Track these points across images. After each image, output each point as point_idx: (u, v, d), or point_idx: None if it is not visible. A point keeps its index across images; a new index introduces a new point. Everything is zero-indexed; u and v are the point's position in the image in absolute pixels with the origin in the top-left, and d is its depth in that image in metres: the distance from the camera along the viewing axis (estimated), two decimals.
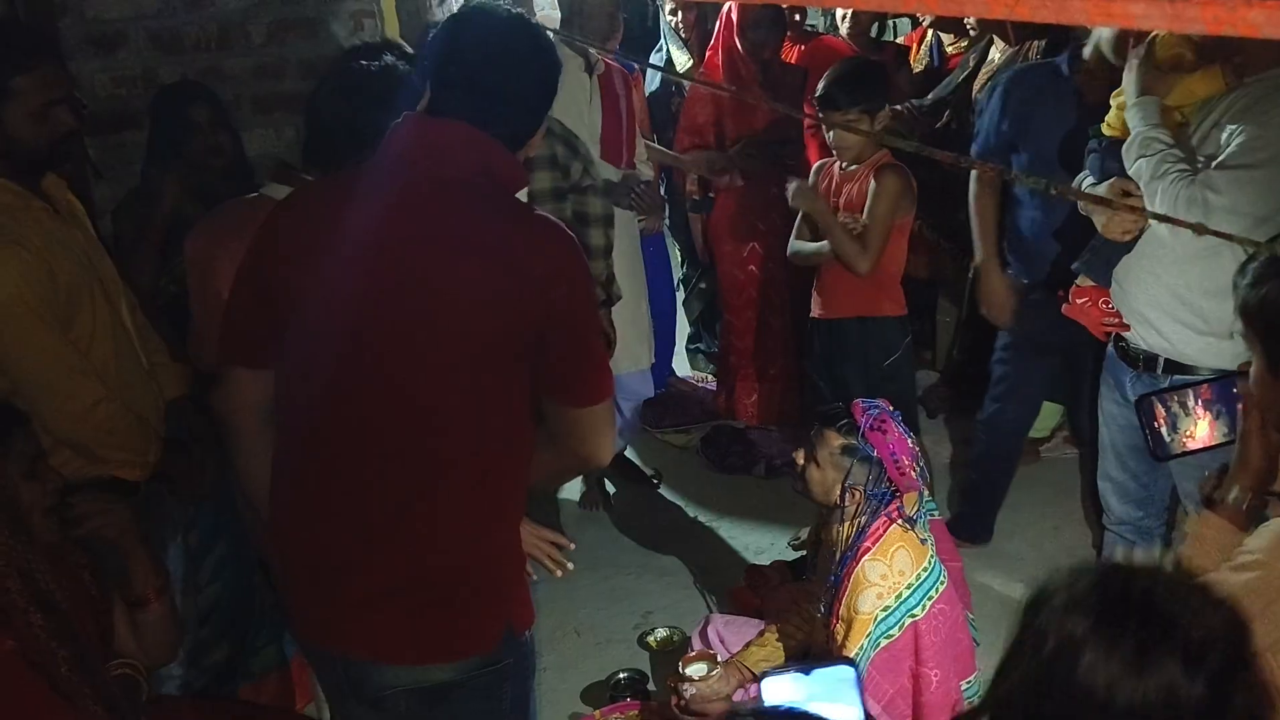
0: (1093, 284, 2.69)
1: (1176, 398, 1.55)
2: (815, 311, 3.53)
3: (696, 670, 2.47)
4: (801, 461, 2.45)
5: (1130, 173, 2.43)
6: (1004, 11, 0.69)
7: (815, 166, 3.53)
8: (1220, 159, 2.29)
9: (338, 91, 2.12)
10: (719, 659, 2.54)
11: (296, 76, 3.32)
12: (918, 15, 4.66)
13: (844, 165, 3.35)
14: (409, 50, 2.23)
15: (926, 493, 2.56)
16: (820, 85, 3.27)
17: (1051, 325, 2.94)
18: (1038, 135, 3.03)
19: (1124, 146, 2.44)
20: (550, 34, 2.99)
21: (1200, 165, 2.34)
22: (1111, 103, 2.61)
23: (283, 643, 2.85)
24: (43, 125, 2.13)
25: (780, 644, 2.60)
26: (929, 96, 4.16)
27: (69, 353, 2.16)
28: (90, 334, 2.22)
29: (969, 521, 3.57)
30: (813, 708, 1.04)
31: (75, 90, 2.27)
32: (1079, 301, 2.75)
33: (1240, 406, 1.52)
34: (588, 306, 1.73)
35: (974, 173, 3.19)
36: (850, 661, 1.17)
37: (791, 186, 3.37)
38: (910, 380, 3.58)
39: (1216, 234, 1.17)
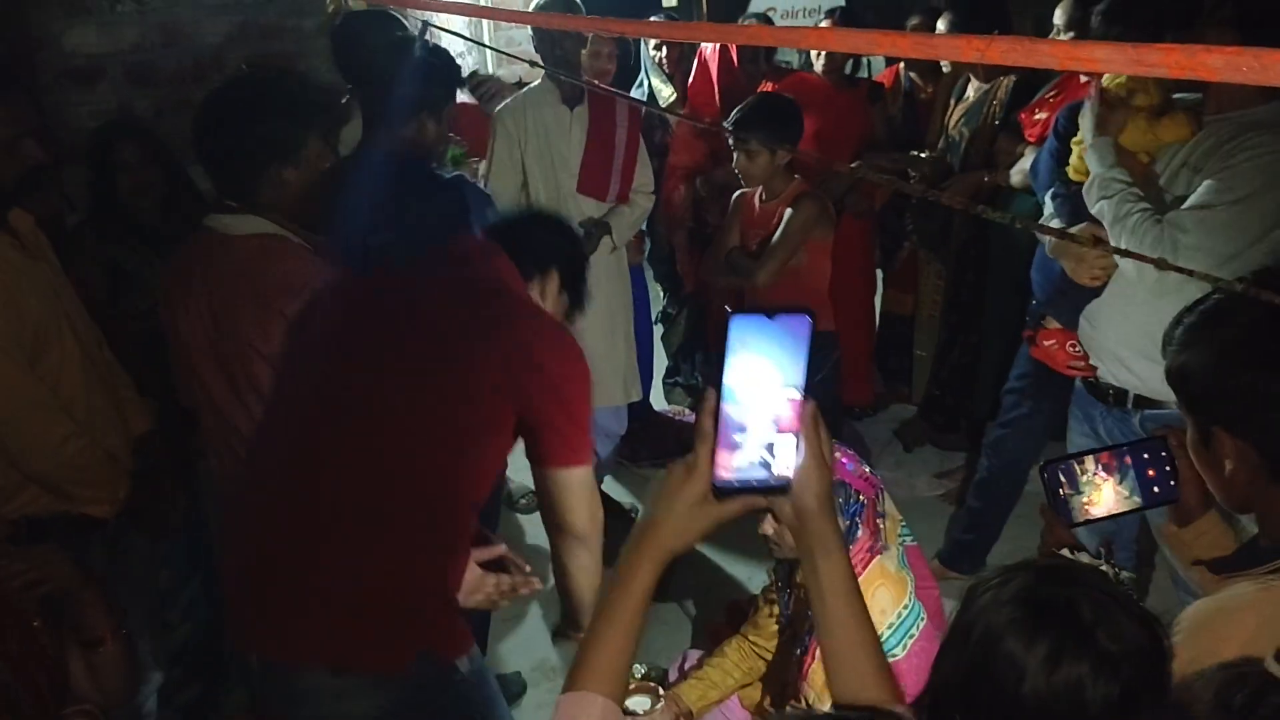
0: (1060, 326, 2.71)
1: (1077, 465, 1.54)
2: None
3: (639, 704, 2.44)
4: (772, 530, 2.41)
5: (1093, 213, 2.45)
6: (975, 56, 0.70)
7: (735, 195, 3.60)
8: (1189, 201, 2.31)
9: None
10: (661, 692, 2.52)
11: None
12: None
13: (763, 198, 3.44)
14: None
15: (901, 519, 2.56)
16: (734, 114, 3.39)
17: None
18: None
19: (1084, 188, 2.47)
20: (531, 65, 3.04)
21: (1169, 204, 2.36)
22: (1073, 147, 2.65)
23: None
24: (8, 159, 2.11)
25: (718, 680, 2.59)
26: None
27: (37, 389, 2.14)
28: (58, 369, 2.20)
29: (966, 550, 3.56)
30: (770, 359, 1.02)
31: (46, 123, 2.25)
32: (1046, 343, 2.77)
33: (1149, 472, 1.52)
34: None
35: None
36: (807, 310, 1.17)
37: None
38: (836, 399, 3.67)
39: (1179, 269, 1.17)
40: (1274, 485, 1.29)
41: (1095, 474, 1.51)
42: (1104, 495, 1.50)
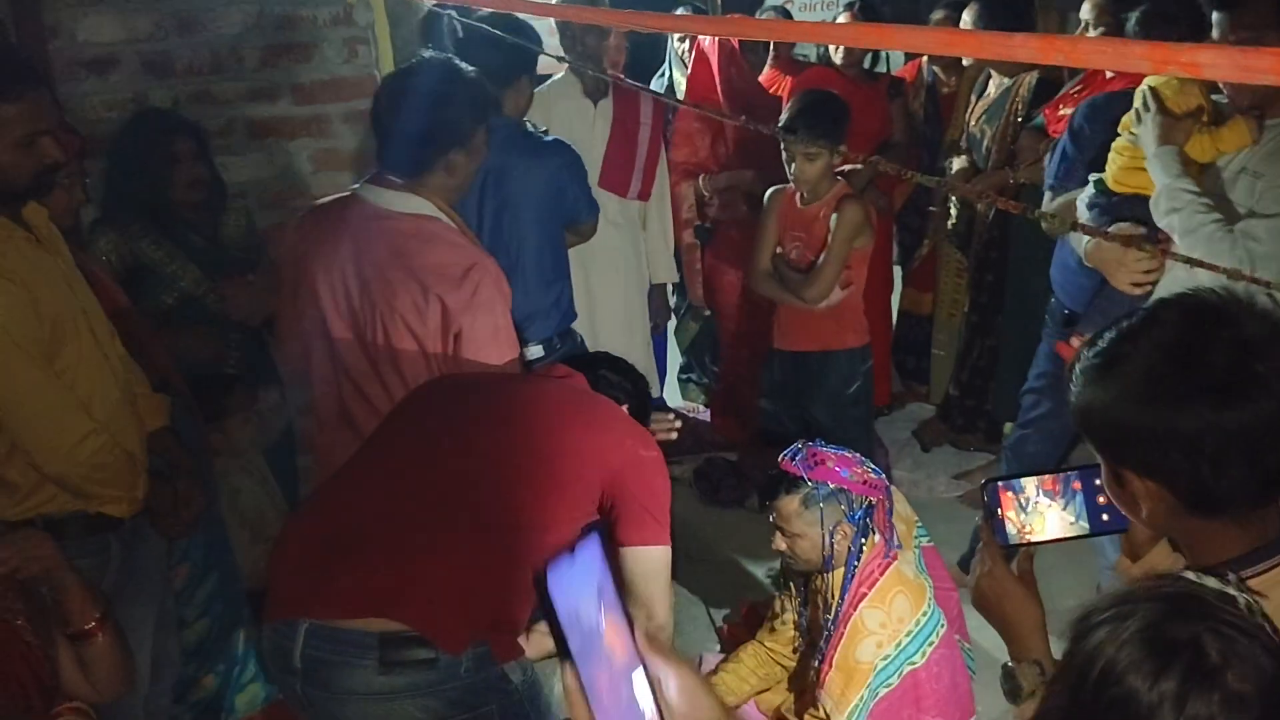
0: None
1: (1020, 486, 1.49)
2: (777, 343, 3.52)
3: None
4: (785, 546, 2.43)
5: (1161, 226, 2.37)
6: (1059, 58, 0.66)
7: (771, 191, 3.49)
8: (1262, 210, 2.25)
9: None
10: None
11: (290, 101, 3.29)
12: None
13: (803, 199, 3.33)
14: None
15: (918, 520, 2.54)
16: (785, 115, 3.31)
17: None
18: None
19: (1151, 200, 2.38)
20: (556, 59, 3.11)
21: (1231, 213, 2.30)
22: (1114, 155, 2.58)
23: (267, 680, 2.79)
24: (27, 155, 2.08)
25: (734, 686, 2.56)
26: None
27: (55, 387, 2.11)
28: (76, 366, 2.16)
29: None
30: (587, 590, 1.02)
31: (65, 117, 2.21)
32: None
33: (1099, 499, 1.46)
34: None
35: None
36: (593, 527, 1.41)
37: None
38: (870, 404, 3.62)
39: (1255, 280, 1.12)
40: (1192, 518, 1.25)
41: (1038, 498, 1.45)
42: (1047, 521, 1.44)
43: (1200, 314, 1.22)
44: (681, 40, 4.51)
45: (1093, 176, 2.71)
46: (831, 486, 2.32)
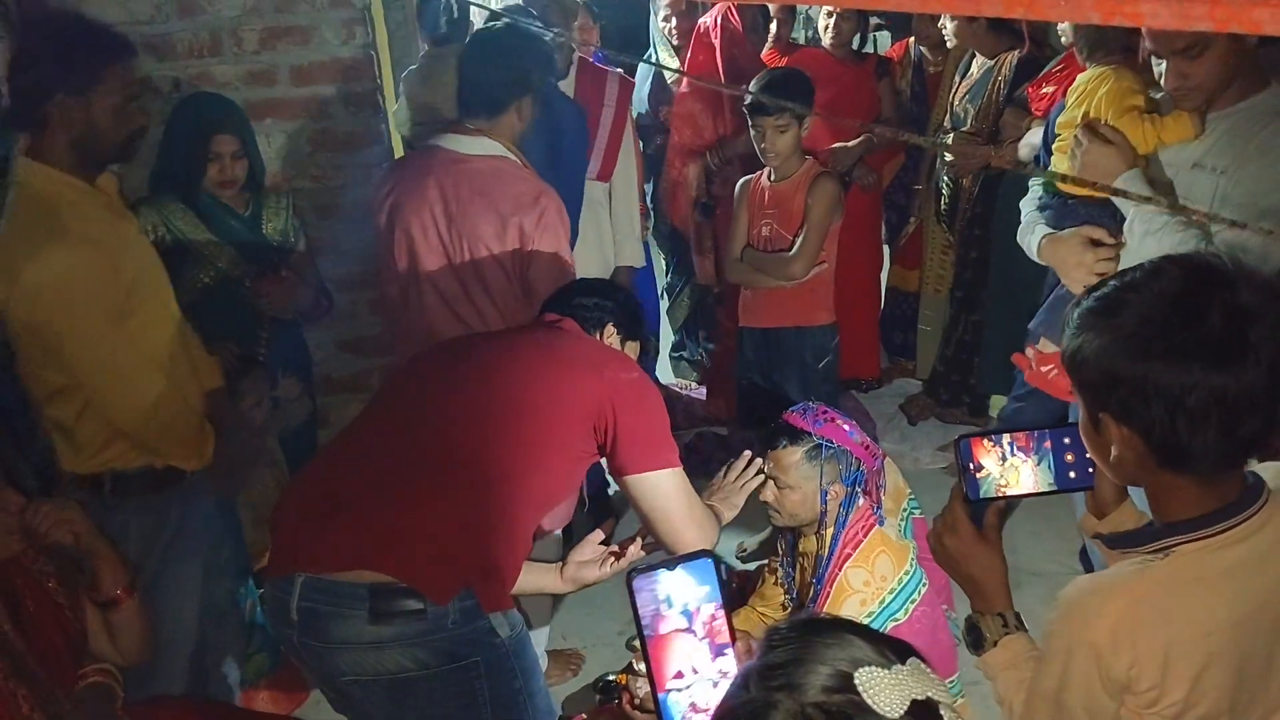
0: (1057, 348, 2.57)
1: (993, 441, 1.54)
2: (746, 321, 3.57)
3: None
4: (773, 496, 2.45)
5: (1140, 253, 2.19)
6: (1021, 11, 0.73)
7: (741, 182, 3.54)
8: (1224, 202, 2.14)
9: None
10: None
11: (288, 83, 3.34)
12: (906, 20, 4.73)
13: (772, 178, 3.39)
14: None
15: (910, 493, 2.60)
16: (749, 93, 3.35)
17: None
18: None
19: (1125, 225, 2.28)
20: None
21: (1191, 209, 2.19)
22: (1057, 158, 2.55)
23: (272, 650, 2.85)
24: (124, 119, 2.19)
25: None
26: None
27: (131, 346, 2.19)
28: (148, 327, 2.25)
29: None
30: (681, 603, 1.28)
31: None
32: (1044, 369, 2.59)
33: (1068, 457, 1.49)
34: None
35: None
36: (709, 553, 1.32)
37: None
38: (836, 378, 3.67)
39: (1233, 223, 1.16)
40: (1160, 471, 1.29)
41: (1013, 453, 1.49)
42: (1020, 475, 1.49)
43: (1203, 274, 1.25)
44: (665, 20, 4.57)
45: (1033, 183, 2.68)
46: (836, 445, 2.38)
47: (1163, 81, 2.18)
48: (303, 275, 2.99)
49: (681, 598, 1.32)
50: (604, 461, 2.08)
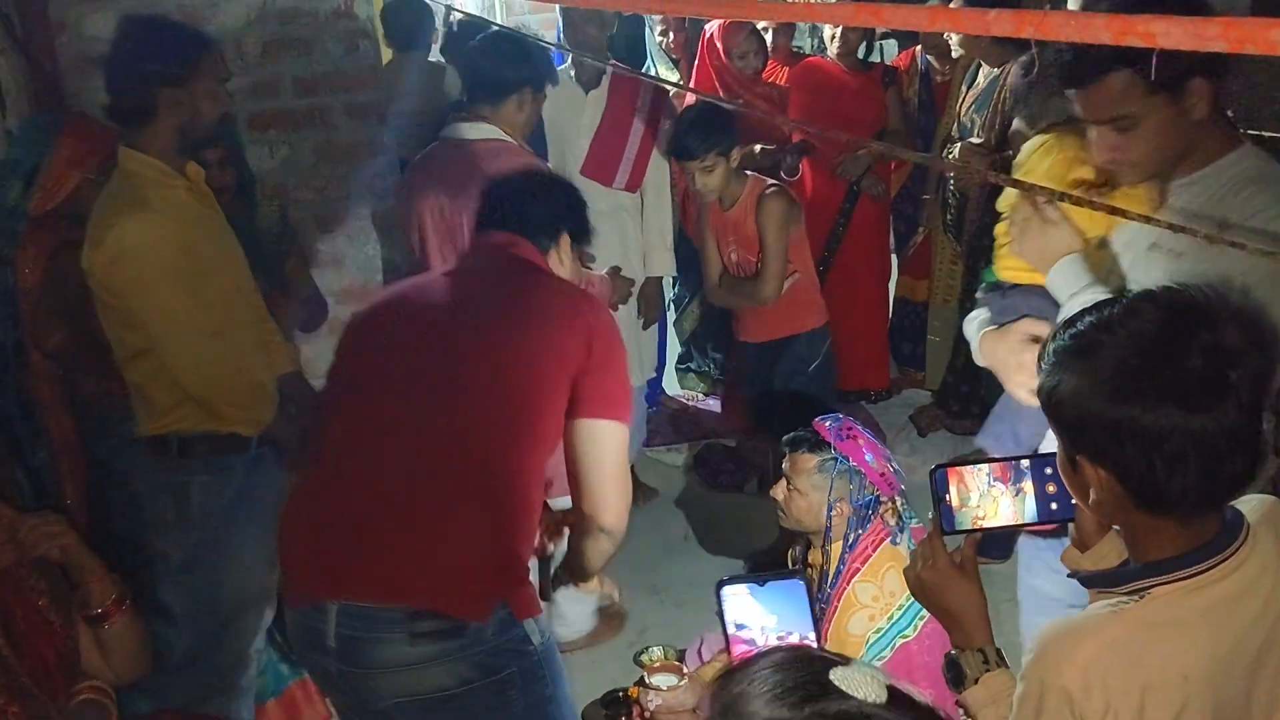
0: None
1: (970, 473, 1.48)
2: (743, 336, 3.57)
3: (663, 680, 2.47)
4: (782, 496, 2.45)
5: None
6: (1030, 31, 0.70)
7: (700, 208, 3.50)
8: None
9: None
10: (685, 671, 2.54)
11: (291, 94, 3.33)
12: (911, 33, 4.72)
13: (723, 205, 3.35)
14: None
15: (902, 501, 2.57)
16: (669, 140, 3.34)
17: None
18: None
19: (1060, 316, 1.82)
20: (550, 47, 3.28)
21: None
22: (998, 240, 2.13)
23: (282, 667, 2.83)
24: (216, 102, 2.40)
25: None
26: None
27: (201, 315, 2.33)
28: (216, 301, 2.38)
29: (996, 535, 3.51)
30: (768, 622, 1.20)
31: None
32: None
33: (1049, 487, 1.44)
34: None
35: None
36: (799, 575, 1.22)
37: None
38: (832, 378, 3.68)
39: (1233, 243, 1.12)
40: (1138, 512, 1.26)
41: (991, 483, 1.44)
42: (999, 507, 1.44)
43: (1182, 313, 1.20)
44: (663, 34, 4.55)
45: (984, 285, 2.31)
46: (850, 464, 2.36)
47: (1091, 151, 1.82)
48: (297, 288, 3.01)
49: (771, 614, 1.31)
50: None
